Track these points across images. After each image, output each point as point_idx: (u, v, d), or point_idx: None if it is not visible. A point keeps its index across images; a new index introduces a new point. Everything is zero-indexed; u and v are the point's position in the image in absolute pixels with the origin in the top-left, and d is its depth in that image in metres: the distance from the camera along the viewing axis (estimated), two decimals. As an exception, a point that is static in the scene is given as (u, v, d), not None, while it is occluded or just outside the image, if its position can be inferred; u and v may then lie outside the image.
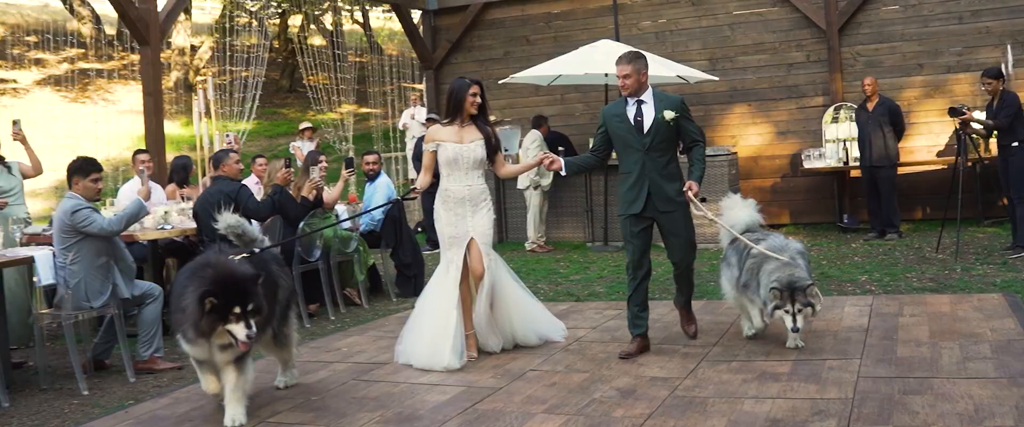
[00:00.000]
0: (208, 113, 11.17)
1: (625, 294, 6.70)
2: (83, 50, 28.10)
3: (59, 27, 27.41)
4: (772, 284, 6.09)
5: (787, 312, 6.05)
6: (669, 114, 6.43)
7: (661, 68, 12.06)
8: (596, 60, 11.82)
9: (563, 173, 6.83)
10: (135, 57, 26.87)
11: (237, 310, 5.02)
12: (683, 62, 13.31)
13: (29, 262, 6.87)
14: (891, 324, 6.94)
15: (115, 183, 17.22)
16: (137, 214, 7.14)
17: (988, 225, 12.03)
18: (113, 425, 5.59)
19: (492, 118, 13.54)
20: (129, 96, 26.42)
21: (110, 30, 30.06)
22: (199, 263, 5.34)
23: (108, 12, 30.51)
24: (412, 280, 10.03)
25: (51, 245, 7.49)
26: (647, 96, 6.52)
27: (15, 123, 8.66)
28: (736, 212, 7.01)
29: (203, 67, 28.09)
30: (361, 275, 9.65)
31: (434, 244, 12.38)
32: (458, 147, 6.69)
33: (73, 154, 8.53)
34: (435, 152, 6.80)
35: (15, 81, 26.78)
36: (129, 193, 9.51)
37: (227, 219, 6.02)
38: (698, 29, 14.32)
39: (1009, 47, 12.40)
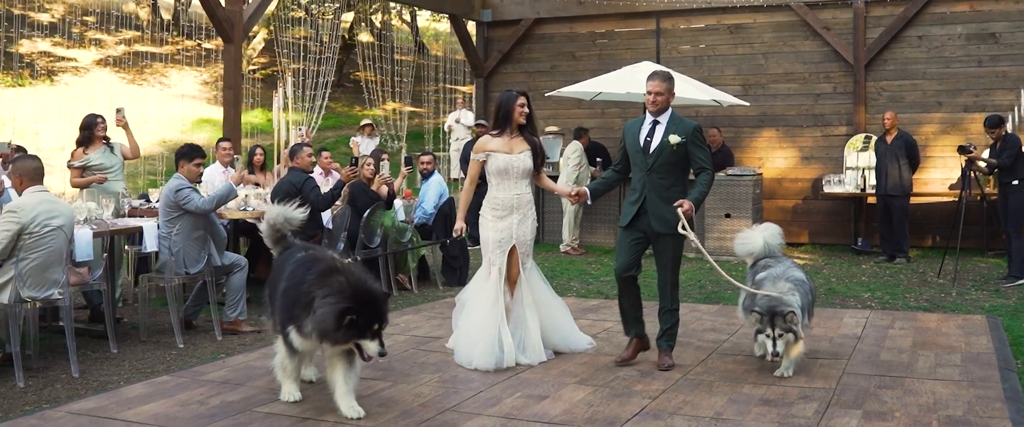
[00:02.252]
0: (286, 107, 12.27)
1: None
2: (140, 33, 29.15)
3: (115, 9, 28.37)
4: (754, 307, 6.38)
5: (767, 336, 6.26)
6: (674, 138, 6.56)
7: (697, 91, 13.05)
8: (637, 79, 12.73)
9: (589, 202, 7.14)
10: (189, 43, 27.96)
11: (375, 327, 5.27)
12: (717, 86, 14.27)
13: (139, 231, 8.00)
14: (881, 334, 7.91)
15: (162, 164, 18.36)
16: (227, 196, 8.22)
17: (991, 256, 12.91)
18: (213, 371, 6.67)
19: (552, 129, 14.61)
20: (184, 81, 27.40)
21: (166, 15, 31.24)
22: (324, 267, 5.44)
23: (163, -3, 31.70)
24: (457, 271, 11.05)
25: (143, 217, 8.66)
26: (664, 118, 6.68)
27: (119, 111, 9.75)
28: (752, 237, 7.27)
29: (256, 57, 29.13)
30: (412, 263, 10.73)
31: (476, 240, 13.43)
32: (508, 157, 6.96)
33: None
34: (483, 163, 7.03)
35: (76, 60, 27.76)
36: (210, 177, 10.62)
37: (271, 212, 6.29)
38: (734, 56, 15.26)
39: (1022, 91, 13.32)
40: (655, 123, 6.71)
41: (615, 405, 5.81)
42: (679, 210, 6.47)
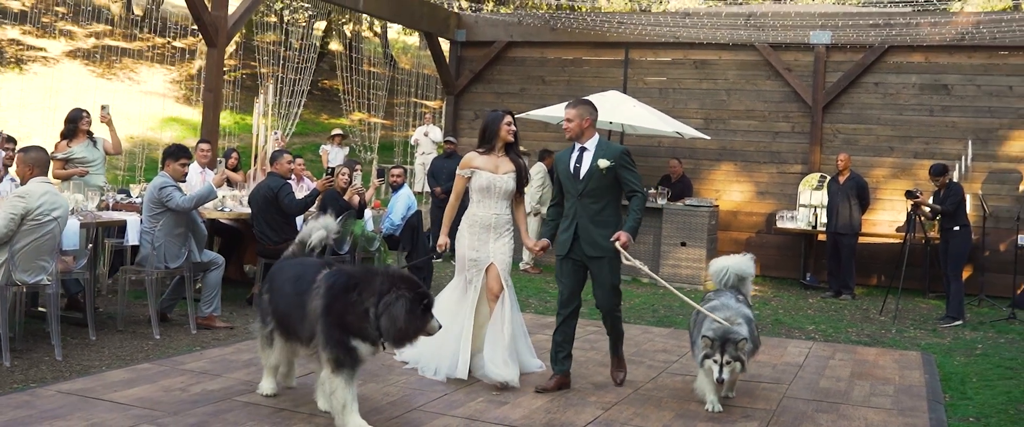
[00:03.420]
0: (266, 114, 12.62)
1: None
2: (110, 27, 29.19)
3: (87, 1, 28.29)
4: (705, 332, 6.41)
5: (715, 362, 6.25)
6: (604, 163, 6.63)
7: (660, 123, 13.51)
8: (603, 107, 13.09)
9: (551, 248, 7.08)
10: (159, 40, 28.04)
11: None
12: (681, 118, 14.75)
13: (122, 224, 8.33)
14: (822, 364, 8.40)
15: (140, 161, 18.57)
16: (206, 197, 8.56)
17: (932, 297, 13.47)
18: (192, 362, 7.02)
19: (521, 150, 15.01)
20: (153, 78, 27.52)
21: (138, 11, 31.33)
22: (361, 274, 5.53)
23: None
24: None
25: (124, 212, 8.99)
26: (590, 144, 6.78)
27: (104, 107, 10.08)
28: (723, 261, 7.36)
29: (228, 58, 29.24)
30: (378, 271, 11.13)
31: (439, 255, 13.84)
32: (492, 176, 7.03)
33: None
34: (468, 179, 7.09)
35: (45, 50, 27.76)
36: (188, 177, 10.91)
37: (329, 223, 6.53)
38: (698, 90, 15.76)
39: (970, 142, 13.95)
40: (582, 150, 6.80)
41: (571, 413, 6.23)
42: (617, 244, 6.55)
